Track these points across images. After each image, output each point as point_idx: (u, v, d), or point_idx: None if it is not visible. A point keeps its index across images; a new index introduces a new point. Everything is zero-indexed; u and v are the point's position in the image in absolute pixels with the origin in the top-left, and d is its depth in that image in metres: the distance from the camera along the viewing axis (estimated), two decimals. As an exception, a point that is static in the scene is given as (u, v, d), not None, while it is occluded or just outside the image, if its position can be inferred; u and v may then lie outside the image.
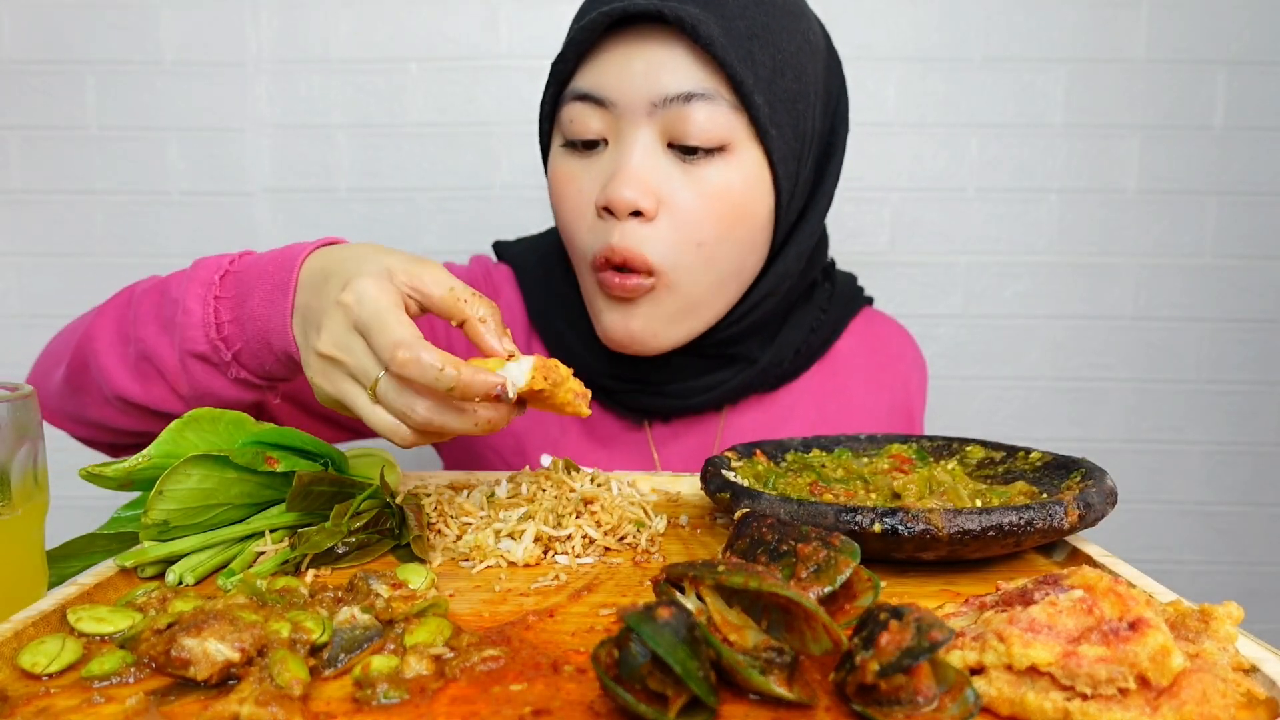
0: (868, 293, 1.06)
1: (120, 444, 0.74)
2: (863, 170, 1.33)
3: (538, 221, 1.30)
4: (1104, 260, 1.34)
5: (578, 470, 0.64)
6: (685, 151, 0.68)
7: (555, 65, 0.71)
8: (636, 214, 0.68)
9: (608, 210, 0.69)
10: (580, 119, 0.70)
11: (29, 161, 1.33)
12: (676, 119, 0.67)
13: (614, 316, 0.72)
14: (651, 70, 0.67)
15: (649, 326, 0.72)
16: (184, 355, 0.62)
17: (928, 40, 1.31)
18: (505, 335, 0.54)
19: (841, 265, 0.94)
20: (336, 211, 1.34)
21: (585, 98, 0.69)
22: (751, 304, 0.76)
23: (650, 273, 0.69)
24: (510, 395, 0.50)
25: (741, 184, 0.69)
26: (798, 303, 0.83)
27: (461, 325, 0.54)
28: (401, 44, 1.31)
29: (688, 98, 0.66)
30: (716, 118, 0.67)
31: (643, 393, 0.80)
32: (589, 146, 0.71)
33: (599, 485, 0.62)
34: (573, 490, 0.60)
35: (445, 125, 1.33)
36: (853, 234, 1.34)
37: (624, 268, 0.69)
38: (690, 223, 0.69)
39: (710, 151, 0.68)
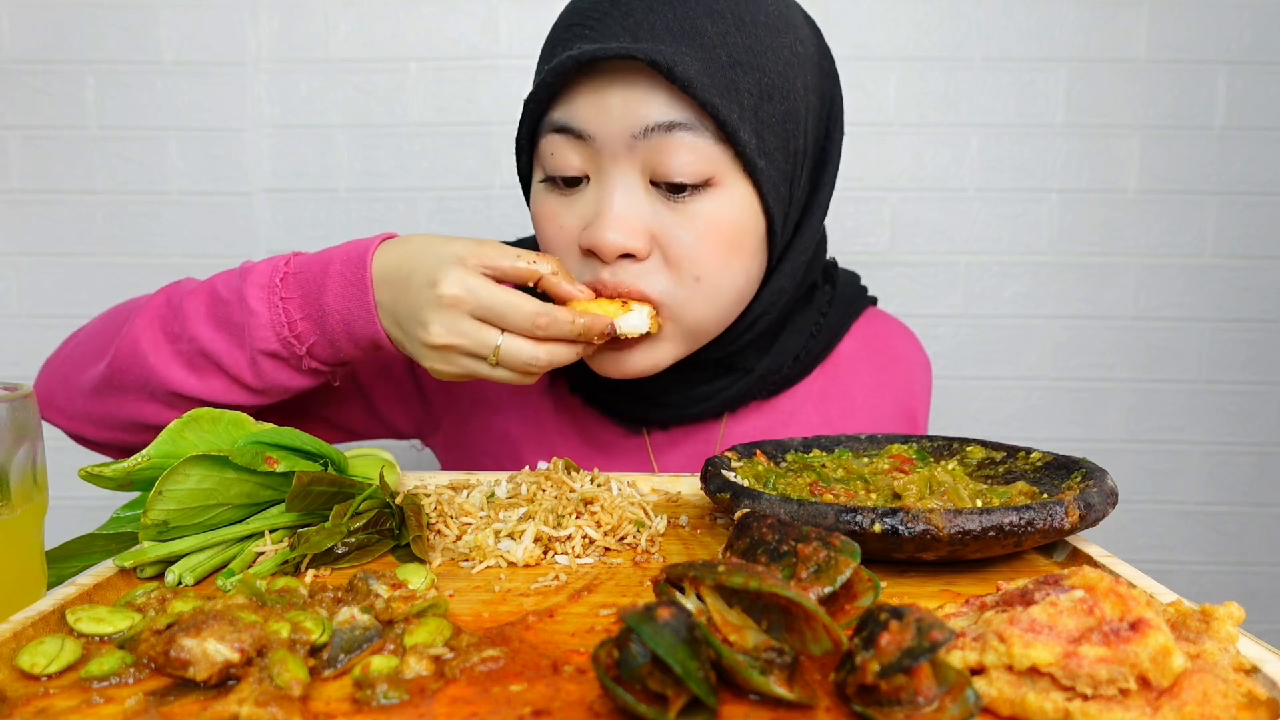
0: (869, 292, 1.04)
1: (139, 446, 0.75)
2: (863, 170, 1.33)
3: (538, 221, 1.30)
4: (1104, 260, 1.34)
5: (578, 470, 0.64)
6: (671, 189, 0.66)
7: (528, 102, 0.68)
8: (626, 255, 0.66)
9: (592, 253, 0.67)
10: (560, 153, 0.67)
11: (29, 161, 1.33)
12: (659, 153, 0.64)
13: (608, 360, 0.70)
14: (630, 105, 0.64)
15: (645, 360, 0.70)
16: (255, 354, 0.66)
17: (928, 40, 1.31)
18: (574, 281, 0.66)
19: (842, 265, 0.93)
20: (336, 211, 1.34)
21: (563, 130, 0.66)
22: (748, 322, 0.74)
23: (649, 304, 0.67)
24: (618, 333, 0.65)
25: (732, 215, 0.67)
26: (795, 309, 0.81)
27: (537, 283, 0.64)
28: (401, 44, 1.31)
29: (669, 126, 0.63)
30: (700, 152, 0.64)
31: (641, 402, 0.79)
32: (570, 183, 0.68)
33: (599, 485, 0.62)
34: (573, 490, 0.60)
35: (445, 125, 1.33)
36: (853, 234, 1.34)
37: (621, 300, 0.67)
38: (685, 260, 0.67)
39: (697, 187, 0.65)
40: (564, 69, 0.64)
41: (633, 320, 0.65)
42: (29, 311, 1.36)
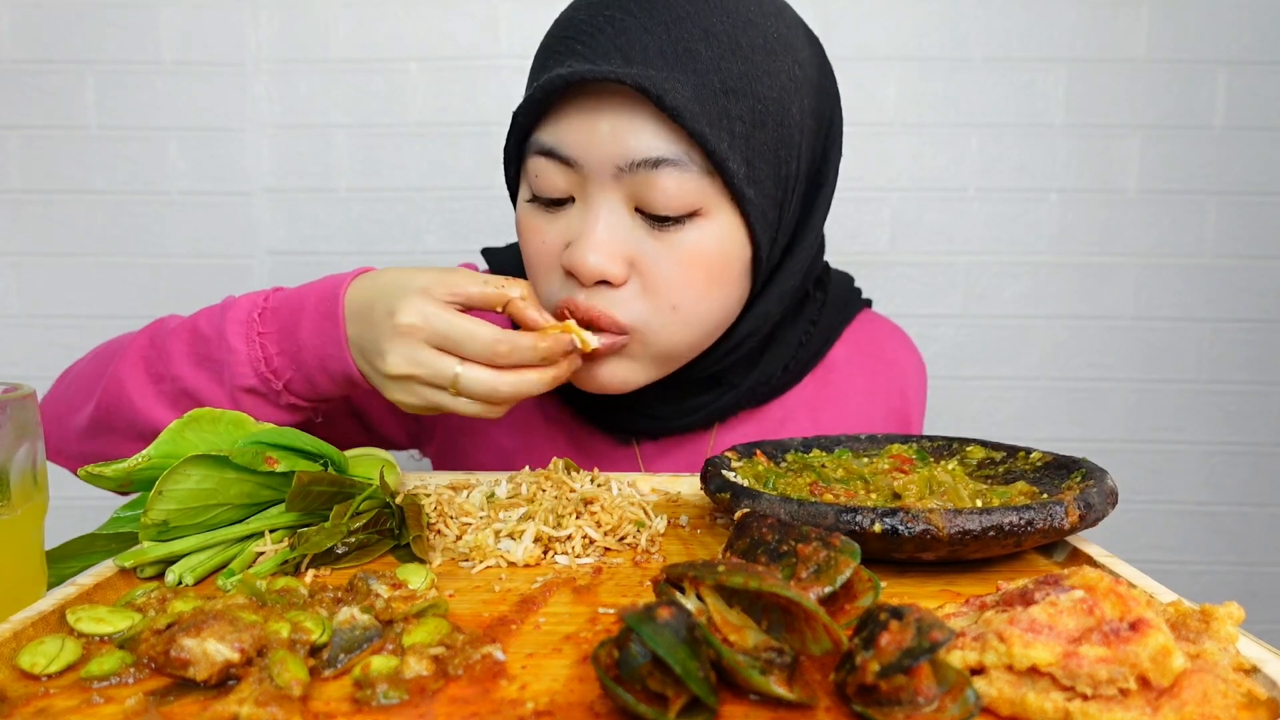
0: (868, 293, 1.03)
1: None
2: (863, 170, 1.33)
3: (538, 221, 1.30)
4: (1104, 260, 1.34)
5: (578, 471, 0.64)
6: (655, 219, 0.64)
7: (516, 115, 0.66)
8: (602, 282, 0.65)
9: (571, 275, 0.66)
10: (545, 175, 0.65)
11: (29, 161, 1.33)
12: (644, 184, 0.62)
13: (581, 372, 0.68)
14: (617, 133, 0.62)
15: (615, 375, 0.68)
16: (234, 391, 0.66)
17: (928, 40, 1.30)
18: (541, 309, 0.64)
19: (841, 266, 0.92)
20: (336, 211, 1.34)
21: (550, 153, 0.65)
22: (733, 344, 0.73)
23: (621, 331, 0.66)
24: (578, 346, 0.62)
25: (716, 245, 0.65)
26: (783, 322, 0.79)
27: (504, 308, 0.62)
28: (401, 44, 1.31)
29: (656, 163, 0.62)
30: (687, 185, 0.62)
31: (629, 414, 0.78)
32: (555, 204, 0.67)
33: (599, 486, 0.62)
34: (573, 490, 0.60)
35: (445, 125, 1.33)
36: (853, 234, 1.34)
37: (590, 327, 0.66)
38: (663, 288, 0.65)
39: (681, 219, 0.64)
40: (553, 87, 0.62)
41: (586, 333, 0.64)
42: (29, 311, 1.36)
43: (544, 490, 0.60)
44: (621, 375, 0.69)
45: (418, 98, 1.32)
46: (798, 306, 0.80)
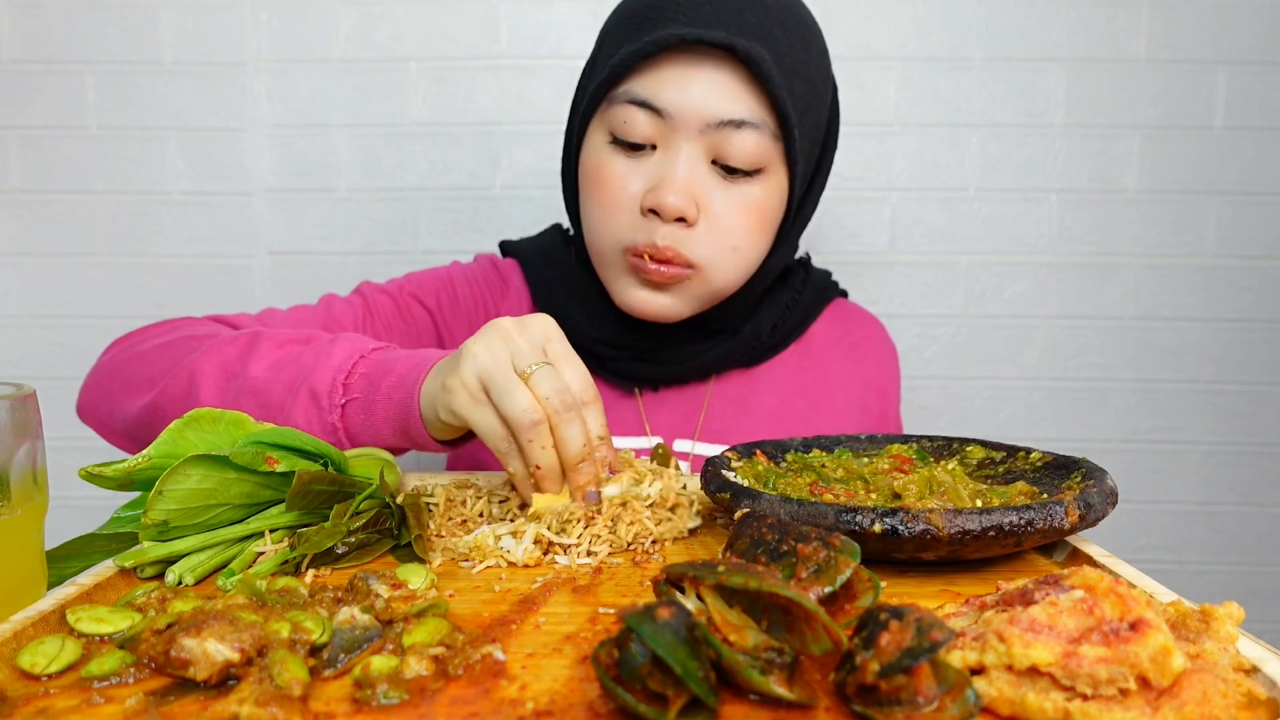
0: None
1: None
2: (863, 170, 1.33)
3: (537, 221, 1.30)
4: (1104, 260, 1.34)
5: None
6: (727, 169, 0.76)
7: (613, 66, 0.74)
8: (679, 219, 0.75)
9: (653, 212, 0.75)
10: (634, 122, 0.75)
11: (29, 161, 1.33)
12: (724, 140, 0.74)
13: (642, 294, 0.79)
14: (710, 93, 0.73)
15: (675, 305, 0.80)
16: (299, 386, 0.65)
17: (928, 40, 1.30)
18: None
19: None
20: (336, 212, 1.34)
21: (643, 104, 0.74)
22: (749, 286, 0.85)
23: (689, 266, 0.77)
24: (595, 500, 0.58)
25: (770, 200, 0.78)
26: (775, 284, 0.92)
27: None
28: (401, 44, 1.31)
29: (739, 124, 0.73)
30: (761, 145, 0.75)
31: (633, 360, 0.86)
32: (637, 147, 0.76)
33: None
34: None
35: (445, 125, 1.33)
36: (853, 234, 1.34)
37: (665, 262, 0.76)
38: (727, 231, 0.77)
39: (749, 173, 0.76)
40: (663, 43, 0.72)
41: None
42: (29, 311, 1.36)
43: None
44: (678, 306, 0.80)
45: (418, 98, 1.32)
46: (785, 277, 0.93)
